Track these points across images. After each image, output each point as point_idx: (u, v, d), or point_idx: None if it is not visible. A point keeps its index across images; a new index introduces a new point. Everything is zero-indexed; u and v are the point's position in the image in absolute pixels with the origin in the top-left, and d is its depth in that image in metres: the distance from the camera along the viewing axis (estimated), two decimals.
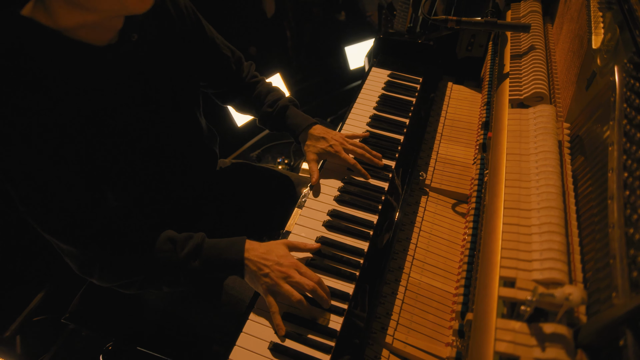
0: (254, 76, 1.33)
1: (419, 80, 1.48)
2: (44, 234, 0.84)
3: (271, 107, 1.25)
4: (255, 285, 0.93)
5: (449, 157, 1.25)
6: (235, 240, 0.95)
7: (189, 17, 1.06)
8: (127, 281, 0.91)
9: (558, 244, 0.62)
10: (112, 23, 0.82)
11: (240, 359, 0.85)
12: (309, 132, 1.21)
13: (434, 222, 1.09)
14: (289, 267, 0.90)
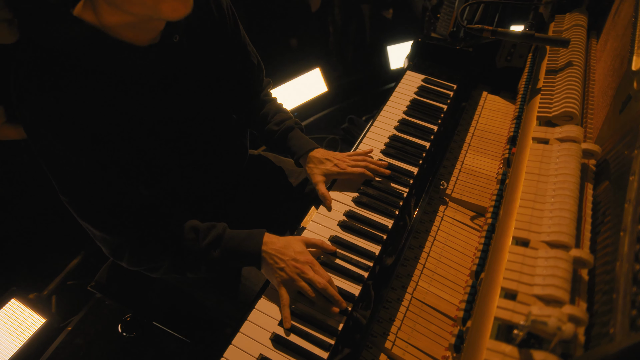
0: (267, 94, 1.35)
1: (453, 88, 1.46)
2: (80, 220, 0.91)
3: (277, 125, 1.25)
4: (271, 278, 0.97)
5: (473, 168, 1.23)
6: (254, 232, 0.99)
7: (229, 19, 1.09)
8: (153, 265, 0.97)
9: (562, 269, 0.61)
10: (152, 24, 0.85)
11: (242, 345, 0.89)
12: (310, 154, 1.19)
13: (449, 232, 1.08)
14: (304, 263, 0.93)
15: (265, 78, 1.36)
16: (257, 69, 1.27)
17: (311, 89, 3.31)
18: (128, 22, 0.81)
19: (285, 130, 1.24)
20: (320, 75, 3.31)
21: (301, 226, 1.11)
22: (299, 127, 1.28)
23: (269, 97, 1.35)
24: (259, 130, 1.30)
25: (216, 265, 0.98)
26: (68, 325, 1.99)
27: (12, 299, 1.88)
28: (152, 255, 0.96)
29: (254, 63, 1.25)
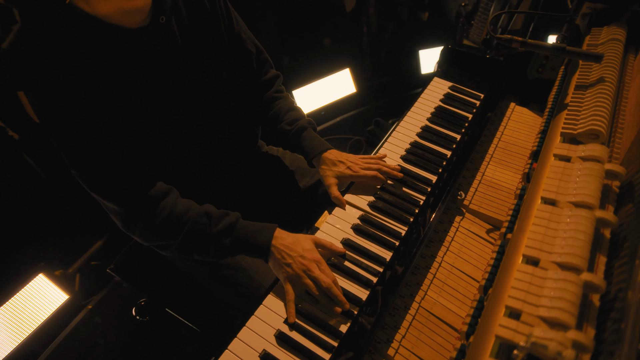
0: (279, 91, 1.32)
1: (480, 97, 1.43)
2: (91, 193, 0.96)
3: (289, 125, 1.24)
4: (277, 272, 0.98)
5: (494, 180, 1.20)
6: (266, 226, 1.01)
7: (220, 5, 1.11)
8: (164, 243, 1.01)
9: (571, 293, 0.59)
10: (137, 4, 0.86)
11: (247, 339, 0.91)
12: (323, 156, 1.18)
13: (463, 244, 1.07)
14: (311, 261, 0.95)
15: (274, 71, 1.35)
16: (257, 59, 1.27)
17: (340, 89, 3.31)
18: (117, 8, 0.85)
19: (298, 130, 1.23)
20: (350, 76, 3.30)
21: (315, 226, 1.12)
22: (312, 127, 1.27)
23: (281, 93, 1.33)
24: (272, 129, 1.30)
25: (224, 252, 1.00)
26: (89, 304, 2.07)
27: (40, 274, 1.97)
28: (163, 232, 0.99)
29: (251, 51, 1.23)
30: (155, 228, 0.99)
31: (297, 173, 1.46)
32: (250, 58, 1.24)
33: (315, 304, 0.95)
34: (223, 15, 1.12)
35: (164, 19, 0.96)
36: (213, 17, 1.09)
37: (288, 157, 1.50)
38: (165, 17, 0.96)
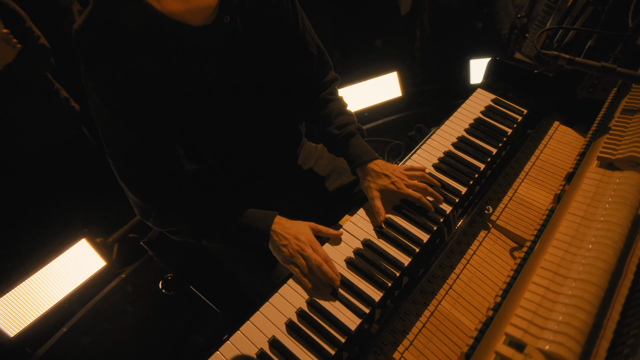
0: (333, 93, 1.33)
1: (523, 112, 1.39)
2: (119, 181, 1.05)
3: (338, 129, 1.23)
4: (276, 254, 1.05)
5: (526, 199, 1.17)
6: (267, 213, 1.08)
7: (287, 5, 1.11)
8: (173, 229, 1.10)
9: (580, 321, 0.58)
10: (204, 2, 0.88)
11: (258, 324, 0.94)
12: (368, 166, 1.17)
13: (485, 259, 1.05)
14: (304, 242, 1.01)
15: (333, 73, 1.36)
16: (317, 59, 1.26)
17: (385, 92, 3.30)
18: (185, 6, 0.87)
19: (346, 136, 1.22)
20: (397, 80, 3.28)
21: (338, 223, 1.14)
22: (361, 133, 1.26)
23: (334, 96, 1.33)
24: (320, 129, 1.31)
25: (229, 238, 1.07)
26: (122, 273, 2.20)
27: (83, 239, 2.11)
28: (173, 221, 1.09)
29: (313, 53, 1.23)
30: (165, 218, 1.09)
31: (334, 172, 1.47)
32: (311, 60, 1.24)
33: (329, 299, 0.97)
34: (289, 14, 1.12)
35: (229, 19, 0.97)
36: (278, 16, 1.09)
37: (326, 156, 1.52)
38: (230, 17, 0.97)
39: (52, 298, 1.97)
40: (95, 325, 1.99)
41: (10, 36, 1.99)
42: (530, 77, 1.46)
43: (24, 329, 1.85)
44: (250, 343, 0.91)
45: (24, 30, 2.12)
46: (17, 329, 1.84)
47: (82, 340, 1.94)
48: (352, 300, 0.96)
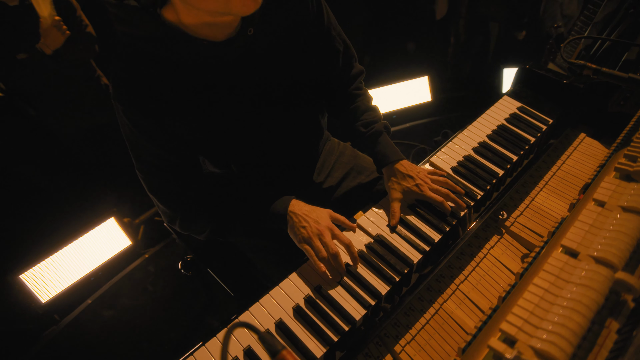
0: (359, 88, 1.32)
1: (548, 122, 1.38)
2: (148, 193, 1.12)
3: (365, 127, 1.24)
4: (293, 235, 1.07)
5: (543, 208, 1.16)
6: (284, 198, 1.12)
7: (312, 5, 1.10)
8: (197, 231, 1.17)
9: (575, 324, 0.59)
10: (226, 21, 0.90)
11: (267, 306, 0.98)
12: (395, 166, 1.18)
13: (494, 264, 1.05)
14: (325, 227, 1.03)
15: (358, 65, 1.35)
16: (343, 55, 1.26)
17: (415, 96, 3.29)
18: (204, 22, 0.88)
19: (373, 134, 1.23)
20: (428, 84, 3.27)
21: (354, 217, 1.17)
22: (387, 131, 1.27)
23: (360, 90, 1.33)
24: (346, 125, 1.31)
25: (249, 227, 1.12)
26: (146, 253, 2.30)
27: (112, 218, 2.22)
28: (197, 223, 1.15)
29: (339, 49, 1.22)
30: (189, 224, 1.16)
31: (355, 170, 1.49)
32: (337, 56, 1.23)
33: (335, 288, 1.00)
34: (313, 14, 1.11)
35: (252, 31, 0.96)
36: (301, 17, 1.08)
37: (348, 153, 1.54)
38: (254, 29, 0.97)
39: (80, 271, 2.09)
40: (117, 300, 2.09)
41: (61, 23, 2.11)
42: (559, 87, 1.45)
43: (53, 297, 1.96)
44: (258, 323, 0.95)
45: (74, 19, 2.25)
46: (48, 296, 1.95)
47: (104, 313, 2.04)
48: (358, 291, 0.99)
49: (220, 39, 0.93)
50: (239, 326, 0.52)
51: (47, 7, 2.06)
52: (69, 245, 2.04)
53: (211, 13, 0.84)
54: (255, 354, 0.90)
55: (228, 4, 0.80)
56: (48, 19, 2.07)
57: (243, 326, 0.51)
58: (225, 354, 0.52)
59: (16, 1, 2.09)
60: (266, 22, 1.00)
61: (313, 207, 1.10)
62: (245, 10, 0.82)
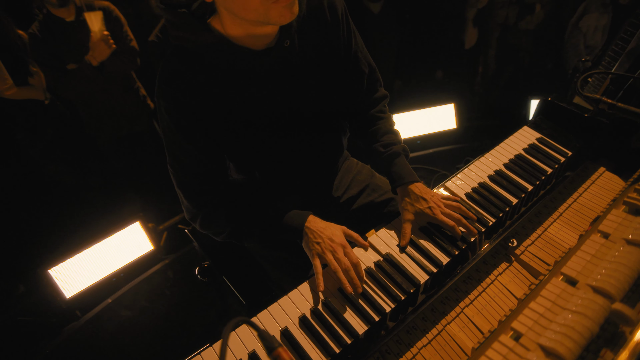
0: (382, 111, 1.37)
1: (567, 154, 1.38)
2: (176, 188, 1.19)
3: (384, 147, 1.28)
4: (307, 250, 1.11)
5: (556, 239, 1.16)
6: (302, 212, 1.16)
7: (342, 25, 1.17)
8: (216, 231, 1.22)
9: (567, 350, 0.60)
10: (265, 31, 0.99)
11: (274, 314, 1.02)
12: (409, 187, 1.21)
13: (501, 290, 1.06)
14: (338, 244, 1.07)
15: (383, 90, 1.40)
16: (369, 78, 1.31)
17: (440, 122, 3.32)
18: (246, 31, 0.97)
19: (391, 155, 1.27)
20: (454, 111, 3.30)
21: (365, 235, 1.20)
22: (405, 154, 1.31)
23: (383, 114, 1.38)
24: (366, 145, 1.36)
25: (266, 236, 1.16)
26: (166, 259, 2.38)
27: (137, 222, 2.32)
28: (217, 223, 1.20)
29: (364, 71, 1.28)
30: (209, 223, 1.21)
31: (369, 188, 1.53)
32: (362, 78, 1.29)
33: (342, 302, 1.03)
34: (344, 34, 1.18)
35: (289, 43, 1.05)
36: (333, 37, 1.15)
37: (365, 172, 1.58)
38: (290, 41, 1.05)
39: (104, 270, 2.18)
40: (136, 301, 2.17)
41: (109, 38, 2.28)
42: (581, 120, 1.45)
43: (77, 293, 2.05)
44: (264, 328, 0.99)
45: (120, 34, 2.42)
46: (72, 292, 2.05)
47: (122, 312, 2.12)
48: (364, 306, 1.01)
49: (259, 48, 1.02)
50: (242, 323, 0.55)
51: (98, 22, 2.23)
52: (96, 245, 2.14)
53: (253, 23, 0.94)
54: (259, 358, 0.94)
55: (267, 14, 0.89)
56: (98, 34, 2.24)
57: (244, 323, 0.54)
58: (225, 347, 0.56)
59: (72, 17, 2.27)
60: (301, 37, 1.09)
61: (328, 223, 1.14)
62: (283, 20, 0.91)
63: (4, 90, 2.17)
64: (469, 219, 1.17)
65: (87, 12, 2.23)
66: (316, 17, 1.11)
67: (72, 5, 2.25)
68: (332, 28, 1.15)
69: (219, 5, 0.94)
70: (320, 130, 1.28)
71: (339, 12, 1.15)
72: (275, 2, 0.88)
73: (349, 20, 1.19)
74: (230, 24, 0.97)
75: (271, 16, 0.89)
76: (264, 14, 0.89)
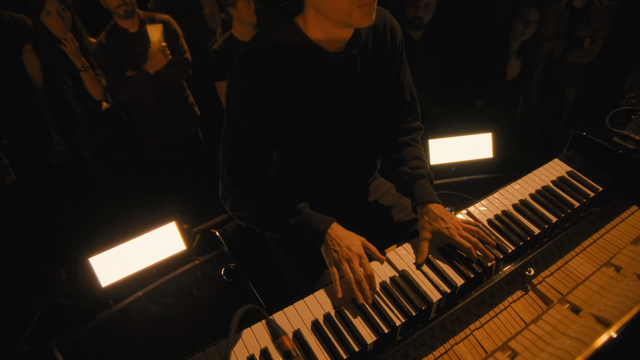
0: (415, 140, 1.44)
1: (598, 190, 1.37)
2: (221, 159, 1.28)
3: (409, 169, 1.35)
4: (325, 256, 1.17)
5: (577, 273, 1.15)
6: (327, 217, 1.22)
7: (398, 51, 1.30)
8: (244, 214, 1.28)
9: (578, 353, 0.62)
10: (342, 34, 1.11)
11: (289, 315, 1.07)
12: (429, 206, 1.25)
13: (514, 317, 1.06)
14: (355, 254, 1.12)
15: (419, 123, 1.48)
16: (409, 106, 1.42)
17: (476, 151, 3.29)
18: (324, 32, 1.10)
19: (415, 176, 1.33)
20: (491, 141, 3.27)
21: (385, 250, 1.24)
22: (429, 179, 1.36)
23: (415, 142, 1.45)
24: (393, 168, 1.43)
25: (289, 232, 1.22)
26: (196, 260, 2.49)
27: (173, 222, 2.44)
28: (245, 207, 1.27)
29: (406, 97, 1.39)
30: (240, 203, 1.28)
31: (396, 207, 1.57)
32: (403, 104, 1.40)
33: (354, 311, 1.07)
34: (397, 60, 1.30)
35: (356, 51, 1.18)
36: (390, 61, 1.28)
37: (393, 192, 1.62)
38: (357, 50, 1.18)
39: (138, 264, 2.31)
40: (164, 297, 2.28)
41: (166, 48, 2.47)
42: (615, 156, 1.44)
43: (112, 283, 2.19)
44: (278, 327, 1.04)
45: (176, 45, 2.61)
46: (108, 281, 2.19)
47: (150, 306, 2.23)
48: (375, 317, 1.05)
49: (331, 50, 1.14)
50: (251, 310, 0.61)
51: (158, 34, 2.43)
52: (133, 239, 2.28)
53: (334, 23, 1.06)
54: (270, 356, 0.99)
55: (350, 15, 1.02)
56: (156, 44, 2.44)
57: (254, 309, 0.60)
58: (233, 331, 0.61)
59: (135, 28, 2.49)
60: (365, 51, 1.22)
61: (349, 233, 1.19)
62: (362, 22, 1.04)
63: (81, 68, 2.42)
64: (487, 244, 1.18)
65: (148, 25, 2.43)
66: (379, 37, 1.24)
67: (136, 17, 2.47)
68: (390, 51, 1.27)
69: (307, 3, 1.07)
70: (360, 142, 1.37)
71: (397, 39, 1.28)
72: (359, 7, 1.01)
73: (403, 49, 1.32)
74: (312, 22, 1.09)
75: (353, 18, 1.02)
76: (347, 15, 1.02)
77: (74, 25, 2.42)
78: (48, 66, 2.42)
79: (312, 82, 1.18)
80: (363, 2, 1.00)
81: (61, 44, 2.36)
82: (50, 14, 2.29)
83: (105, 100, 2.71)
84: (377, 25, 1.23)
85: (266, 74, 1.14)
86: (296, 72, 1.16)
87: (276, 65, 1.14)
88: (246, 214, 1.28)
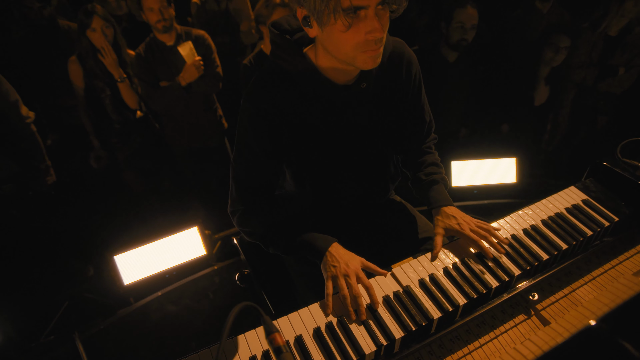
0: (430, 147, 1.51)
1: (614, 220, 1.35)
2: (231, 180, 1.35)
3: (425, 176, 1.42)
4: (324, 271, 1.21)
5: (583, 301, 1.14)
6: (328, 237, 1.26)
7: (414, 83, 1.34)
8: (249, 230, 1.35)
9: None
10: (349, 70, 1.17)
11: (293, 322, 1.11)
12: (442, 208, 1.33)
13: (515, 341, 1.06)
14: (352, 271, 1.15)
15: (433, 134, 1.56)
16: (426, 126, 1.48)
17: (500, 175, 3.26)
18: (333, 66, 1.16)
19: (431, 182, 1.41)
20: (515, 166, 3.23)
21: (391, 266, 1.27)
22: (444, 183, 1.44)
23: (431, 150, 1.53)
24: (411, 173, 1.51)
25: (290, 249, 1.28)
26: (215, 265, 2.57)
27: (195, 227, 2.53)
28: (251, 224, 1.34)
29: (425, 120, 1.46)
30: (247, 220, 1.35)
31: (409, 226, 1.58)
32: (424, 126, 1.47)
33: (355, 322, 1.10)
34: (414, 89, 1.35)
35: (365, 85, 1.22)
36: (404, 91, 1.32)
37: (406, 212, 1.65)
38: (367, 84, 1.22)
39: (160, 265, 2.40)
40: (181, 299, 2.36)
41: (200, 62, 2.61)
42: (634, 187, 1.42)
43: (133, 282, 2.29)
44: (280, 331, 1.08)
45: (209, 59, 2.75)
46: (130, 280, 2.29)
47: (168, 307, 2.31)
48: (375, 329, 1.08)
49: (340, 82, 1.19)
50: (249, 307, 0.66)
51: (186, 50, 2.57)
52: (157, 241, 2.38)
53: (340, 61, 1.11)
54: (271, 357, 1.03)
55: (355, 59, 1.07)
56: (187, 60, 2.58)
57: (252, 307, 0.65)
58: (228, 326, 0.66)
59: (172, 42, 2.64)
60: (377, 83, 1.27)
61: (349, 252, 1.23)
62: (365, 66, 1.08)
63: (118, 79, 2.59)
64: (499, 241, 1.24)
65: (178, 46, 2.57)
66: (393, 71, 1.29)
67: (174, 32, 2.62)
68: (404, 83, 1.32)
69: (317, 41, 1.14)
70: (375, 163, 1.42)
71: (413, 71, 1.32)
72: (363, 52, 1.05)
73: (421, 78, 1.37)
74: (321, 56, 1.15)
75: (357, 61, 1.07)
76: (351, 58, 1.07)
77: (115, 39, 2.60)
78: (90, 76, 2.60)
79: (322, 108, 1.23)
80: (367, 49, 1.05)
81: (99, 54, 2.53)
82: (95, 31, 2.48)
83: (140, 109, 2.87)
84: (392, 58, 1.27)
85: (277, 100, 1.20)
86: (306, 98, 1.22)
87: (287, 92, 1.20)
88: (252, 230, 1.35)
